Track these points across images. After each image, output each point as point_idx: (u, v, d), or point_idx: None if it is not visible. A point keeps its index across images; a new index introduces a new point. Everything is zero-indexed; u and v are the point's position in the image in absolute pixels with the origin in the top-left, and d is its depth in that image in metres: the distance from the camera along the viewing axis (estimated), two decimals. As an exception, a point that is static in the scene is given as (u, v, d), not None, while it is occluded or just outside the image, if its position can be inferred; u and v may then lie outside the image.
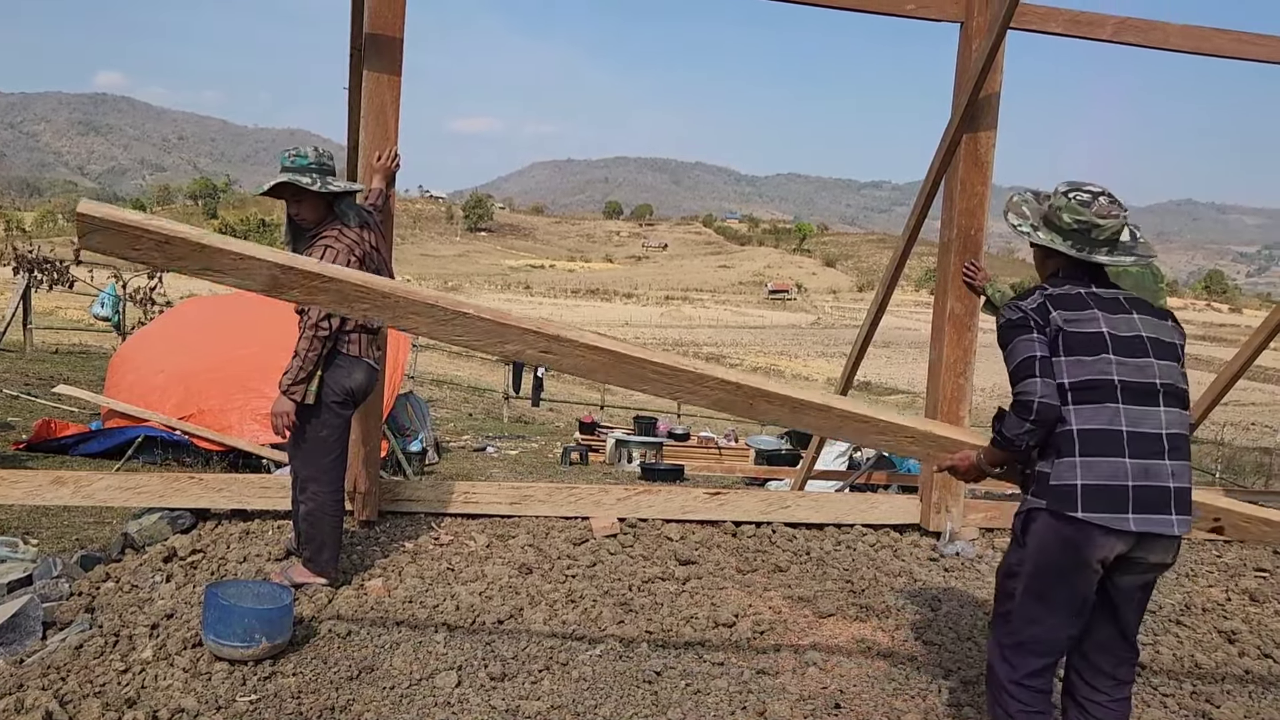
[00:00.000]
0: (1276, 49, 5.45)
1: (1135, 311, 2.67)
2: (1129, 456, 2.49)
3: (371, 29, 4.40)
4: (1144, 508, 2.47)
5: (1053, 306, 2.60)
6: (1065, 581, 2.55)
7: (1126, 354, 2.57)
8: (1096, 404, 2.53)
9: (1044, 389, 2.51)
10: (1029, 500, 2.63)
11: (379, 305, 2.67)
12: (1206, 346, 59.57)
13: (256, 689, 3.09)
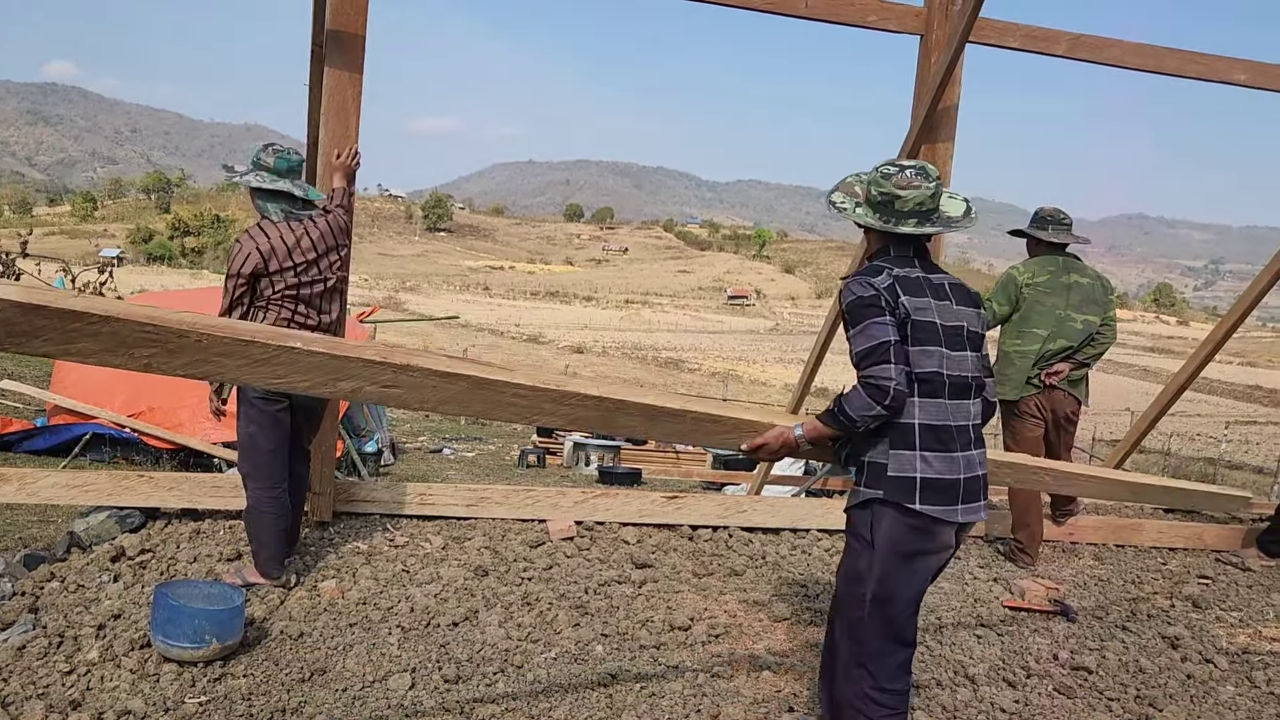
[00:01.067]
0: (1217, 68, 5.59)
1: (954, 300, 2.70)
2: (957, 450, 2.59)
3: (333, 26, 4.36)
4: (968, 499, 2.60)
5: (901, 290, 2.59)
6: (914, 574, 2.62)
7: (952, 347, 2.63)
8: (933, 398, 2.58)
9: (899, 375, 2.50)
10: (863, 492, 2.63)
11: (171, 350, 2.07)
12: (1155, 358, 60.85)
13: (206, 690, 3.04)
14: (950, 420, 2.59)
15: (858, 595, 2.64)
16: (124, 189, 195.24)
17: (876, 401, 2.49)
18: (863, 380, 2.52)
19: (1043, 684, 3.59)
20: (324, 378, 2.27)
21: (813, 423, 2.66)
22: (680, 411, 2.67)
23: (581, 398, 2.54)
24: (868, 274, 2.63)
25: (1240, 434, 27.74)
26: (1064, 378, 5.01)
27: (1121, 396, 33.52)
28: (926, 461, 2.55)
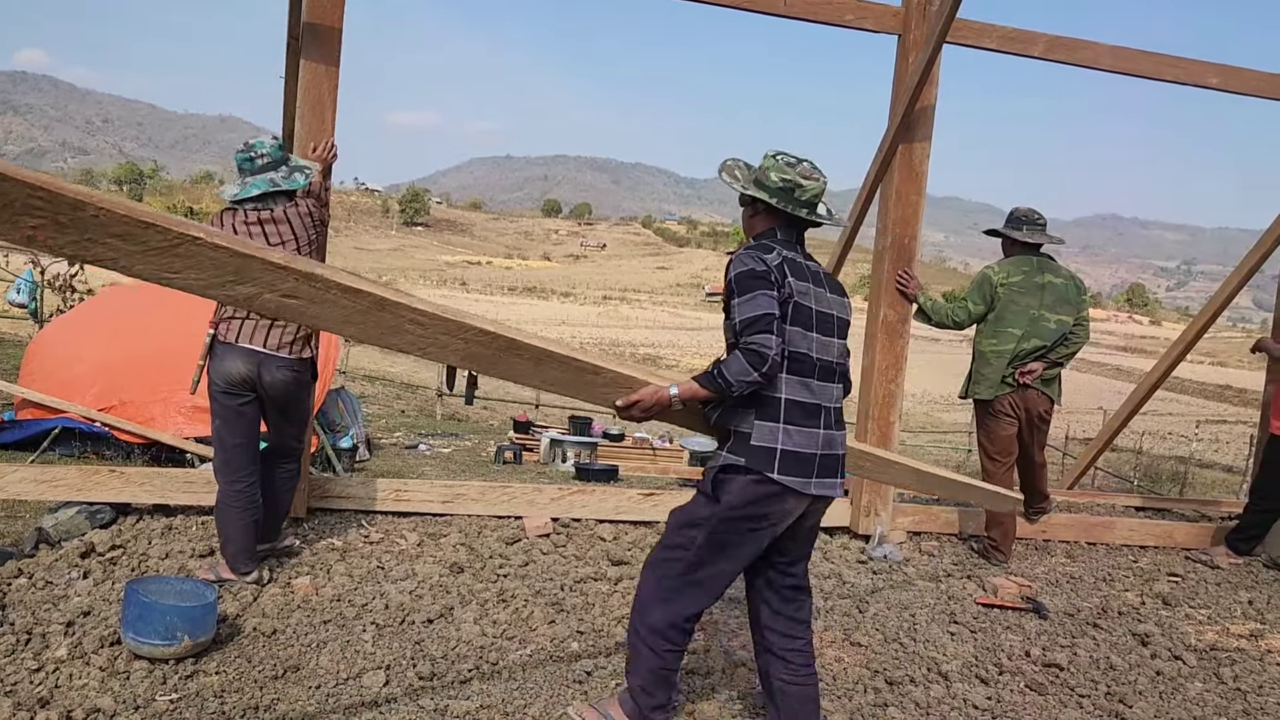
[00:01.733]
0: (1190, 71, 5.65)
1: (828, 289, 2.87)
2: (819, 428, 2.74)
3: (310, 18, 4.33)
4: (822, 473, 2.75)
5: (788, 271, 2.73)
6: (750, 535, 2.74)
7: (823, 332, 2.79)
8: (801, 377, 2.72)
9: (777, 346, 2.62)
10: (725, 456, 2.73)
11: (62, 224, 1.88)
12: (1127, 358, 61.45)
13: (177, 688, 3.01)
14: (816, 400, 2.75)
15: (689, 537, 2.78)
16: (95, 180, 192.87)
17: (754, 368, 2.60)
18: (744, 346, 2.63)
19: (1015, 681, 3.61)
20: (221, 277, 2.10)
21: (689, 383, 2.73)
22: (566, 359, 2.61)
23: (478, 332, 2.45)
24: (759, 250, 2.75)
25: (1211, 433, 28.07)
26: (1037, 377, 5.05)
27: (1094, 395, 33.86)
28: (788, 434, 2.68)
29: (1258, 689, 3.75)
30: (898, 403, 5.29)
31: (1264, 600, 4.90)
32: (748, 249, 2.77)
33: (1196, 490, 16.94)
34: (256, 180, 3.79)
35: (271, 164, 3.83)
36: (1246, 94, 5.82)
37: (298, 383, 3.93)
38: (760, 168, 2.87)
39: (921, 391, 37.62)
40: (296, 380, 3.91)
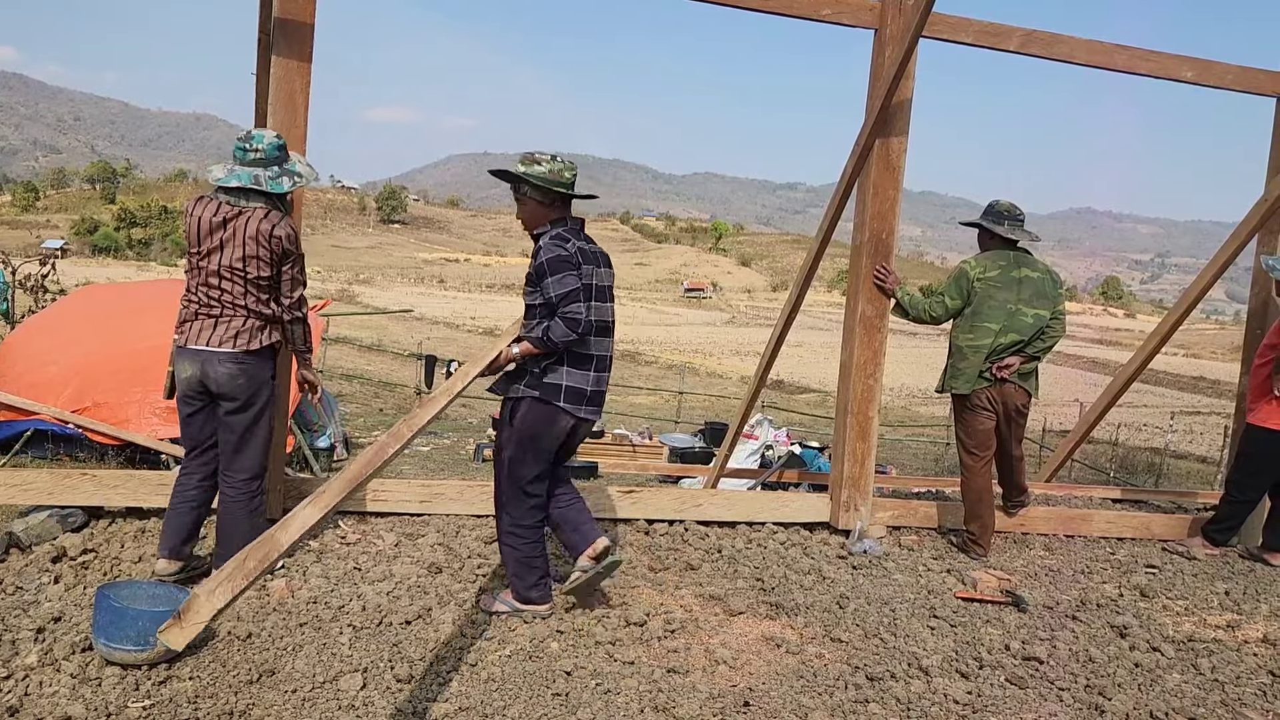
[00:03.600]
0: (1165, 65, 5.68)
1: (601, 264, 3.74)
2: (591, 371, 3.70)
3: (281, 13, 4.27)
4: (591, 404, 3.73)
5: (582, 259, 3.61)
6: (543, 446, 3.70)
7: (600, 300, 3.70)
8: (585, 335, 3.61)
9: (586, 313, 3.53)
10: (522, 390, 3.67)
11: None
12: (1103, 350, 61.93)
13: (150, 694, 2.97)
14: (590, 351, 3.70)
15: (503, 459, 3.76)
16: (67, 179, 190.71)
17: (573, 331, 3.52)
18: (563, 315, 3.51)
19: (995, 675, 3.62)
20: None
21: (526, 344, 3.63)
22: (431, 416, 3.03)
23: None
24: (560, 240, 3.61)
25: (1186, 424, 28.30)
26: (1014, 371, 5.07)
27: (1071, 388, 34.10)
28: (570, 375, 3.66)
29: (1235, 679, 3.78)
30: (876, 397, 5.30)
31: (1240, 591, 4.93)
32: (552, 238, 3.61)
33: (1172, 481, 17.08)
34: (240, 172, 3.72)
35: (262, 161, 3.74)
36: (1221, 87, 5.86)
37: (244, 376, 3.76)
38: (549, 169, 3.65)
39: (900, 386, 37.78)
40: (242, 373, 3.75)
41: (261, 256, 3.72)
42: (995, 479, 5.40)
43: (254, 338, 3.78)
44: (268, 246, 3.71)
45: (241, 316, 3.75)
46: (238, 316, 3.75)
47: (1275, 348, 5.43)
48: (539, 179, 3.62)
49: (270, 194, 3.74)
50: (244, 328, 3.75)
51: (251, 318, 3.76)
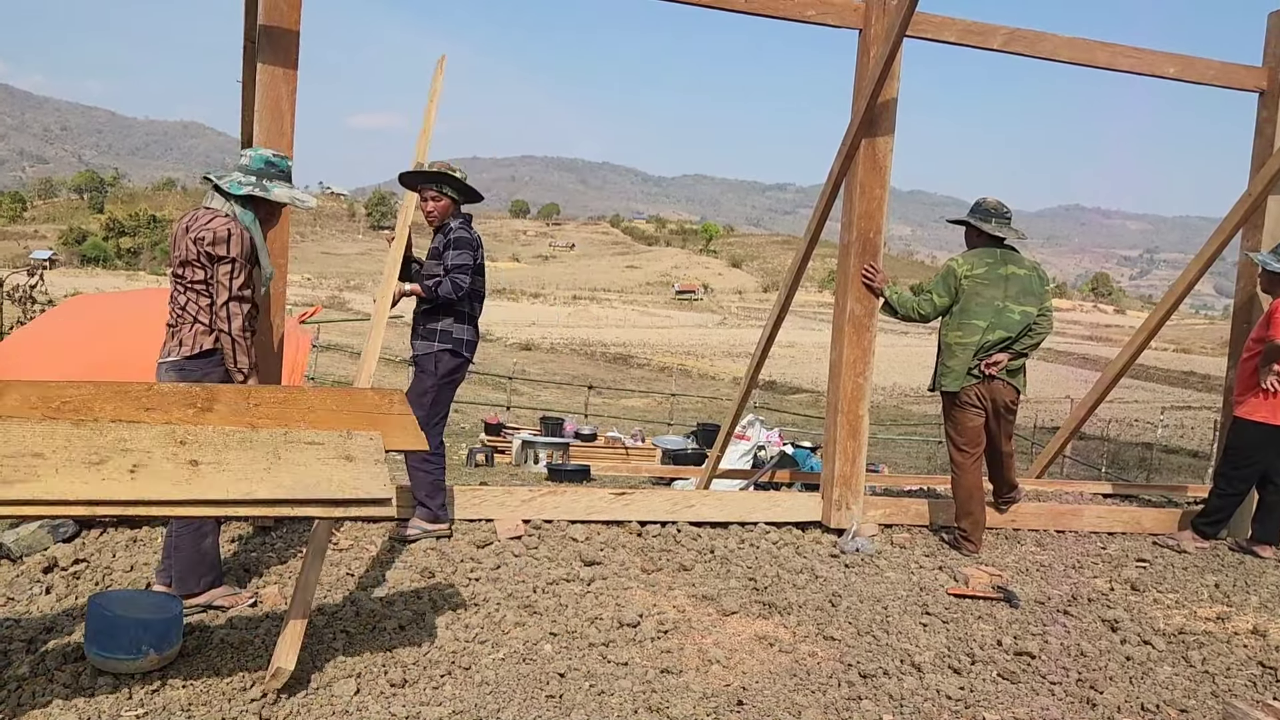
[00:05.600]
0: (1148, 61, 5.72)
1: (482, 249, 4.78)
2: (477, 327, 4.80)
3: (266, 21, 4.27)
4: (472, 351, 4.76)
5: (479, 244, 4.72)
6: (452, 389, 4.73)
7: (480, 275, 4.74)
8: (479, 301, 4.79)
9: (468, 284, 4.59)
10: (437, 345, 4.62)
11: None
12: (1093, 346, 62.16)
13: (144, 703, 2.97)
14: (477, 313, 4.80)
15: (425, 401, 4.57)
16: (55, 189, 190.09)
17: (455, 293, 4.55)
18: (452, 279, 4.55)
19: (987, 670, 3.64)
20: None
21: (415, 286, 4.62)
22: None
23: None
24: (467, 227, 4.71)
25: (1176, 419, 28.45)
26: (1003, 368, 5.09)
27: (1061, 384, 34.23)
28: (467, 331, 4.71)
29: (1226, 671, 3.80)
30: (866, 396, 5.31)
31: (1230, 583, 4.96)
32: (462, 224, 4.68)
33: (1162, 476, 17.17)
34: (226, 177, 3.75)
35: (243, 168, 3.74)
36: (1204, 83, 5.90)
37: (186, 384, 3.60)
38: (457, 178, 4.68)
39: (891, 385, 37.87)
40: (183, 380, 3.56)
41: (191, 259, 3.61)
42: (986, 475, 5.42)
43: (195, 342, 3.64)
44: (195, 247, 3.60)
45: (187, 323, 3.64)
46: (184, 324, 3.65)
47: (1261, 341, 5.47)
48: (461, 183, 4.73)
49: (229, 197, 3.70)
50: (187, 334, 3.64)
51: (196, 324, 3.63)
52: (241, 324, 3.63)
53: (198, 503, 2.64)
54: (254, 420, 2.86)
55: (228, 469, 2.71)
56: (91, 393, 2.68)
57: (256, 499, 2.72)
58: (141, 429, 2.68)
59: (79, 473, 2.53)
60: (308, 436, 2.86)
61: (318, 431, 2.90)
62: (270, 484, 2.74)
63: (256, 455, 2.78)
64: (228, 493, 2.67)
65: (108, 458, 2.58)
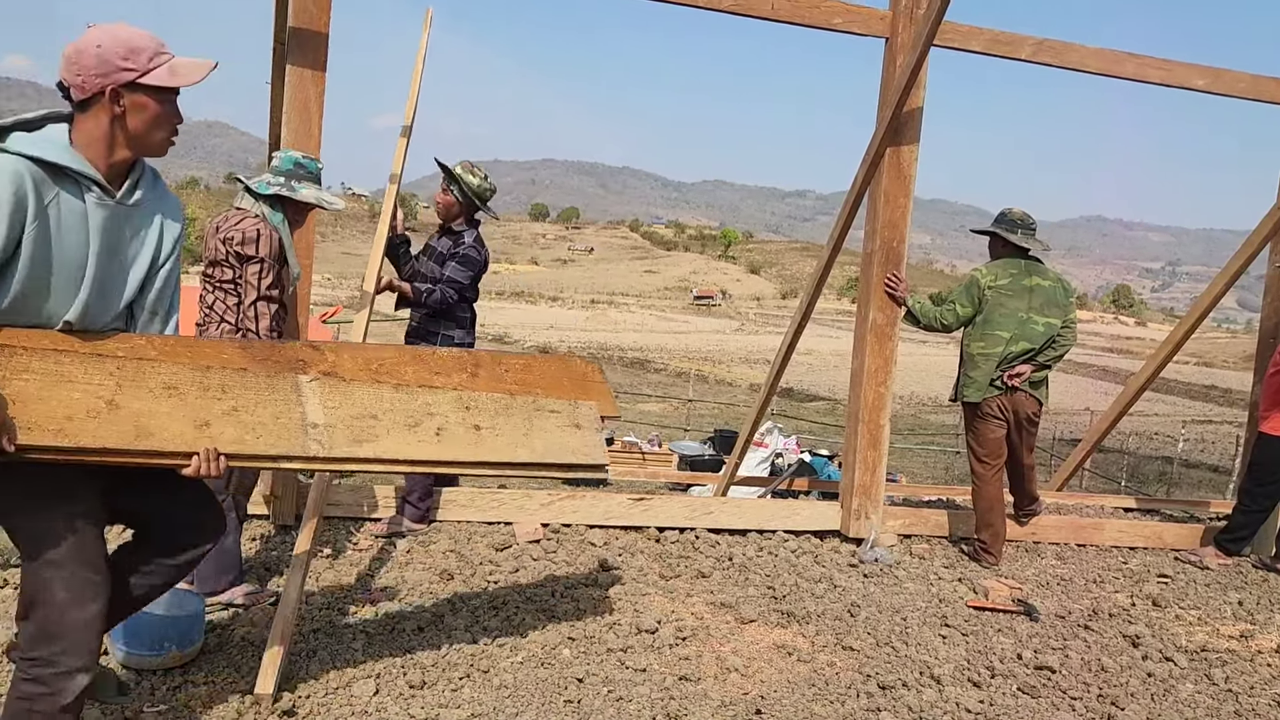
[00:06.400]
0: (1176, 73, 5.68)
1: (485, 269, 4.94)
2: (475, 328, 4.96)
3: (296, 23, 4.30)
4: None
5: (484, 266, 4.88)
6: None
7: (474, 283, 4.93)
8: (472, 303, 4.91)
9: (458, 294, 4.73)
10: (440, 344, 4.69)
11: None
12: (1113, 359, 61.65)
13: (165, 699, 2.99)
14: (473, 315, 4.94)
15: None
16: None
17: (441, 305, 4.70)
18: (444, 290, 4.69)
19: (1007, 684, 3.61)
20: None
21: (407, 287, 4.75)
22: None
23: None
24: (480, 245, 4.85)
25: (1197, 433, 28.19)
26: (1026, 379, 5.06)
27: (1081, 396, 33.98)
28: (466, 336, 4.83)
29: (1249, 690, 3.76)
30: (888, 405, 5.29)
31: (1254, 601, 4.91)
32: (476, 240, 4.84)
33: (1183, 490, 17.02)
34: (258, 182, 3.77)
35: (274, 169, 3.76)
36: (1233, 96, 5.85)
37: None
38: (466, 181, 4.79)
39: (909, 394, 37.71)
40: None
41: (220, 259, 3.63)
42: (1006, 487, 5.39)
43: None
44: (224, 247, 3.62)
45: (214, 323, 3.66)
46: (212, 323, 3.67)
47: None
48: (469, 187, 4.79)
49: (258, 197, 3.72)
50: (214, 333, 3.66)
51: (223, 324, 3.65)
52: (269, 324, 3.64)
53: (482, 464, 2.85)
54: (510, 387, 3.02)
55: (500, 434, 2.90)
56: (396, 356, 2.85)
57: (520, 462, 2.91)
58: (438, 394, 2.85)
59: (402, 434, 2.72)
60: (550, 405, 3.03)
61: (555, 400, 3.06)
62: (528, 449, 2.93)
63: (516, 421, 2.95)
64: (501, 456, 2.87)
65: (420, 421, 2.77)
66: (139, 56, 2.20)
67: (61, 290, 2.23)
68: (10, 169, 2.09)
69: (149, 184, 2.40)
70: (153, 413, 2.35)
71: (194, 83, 2.28)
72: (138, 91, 2.21)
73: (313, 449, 2.56)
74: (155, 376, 2.39)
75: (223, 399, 2.47)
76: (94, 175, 2.22)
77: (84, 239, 2.22)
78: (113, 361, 2.33)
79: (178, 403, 2.40)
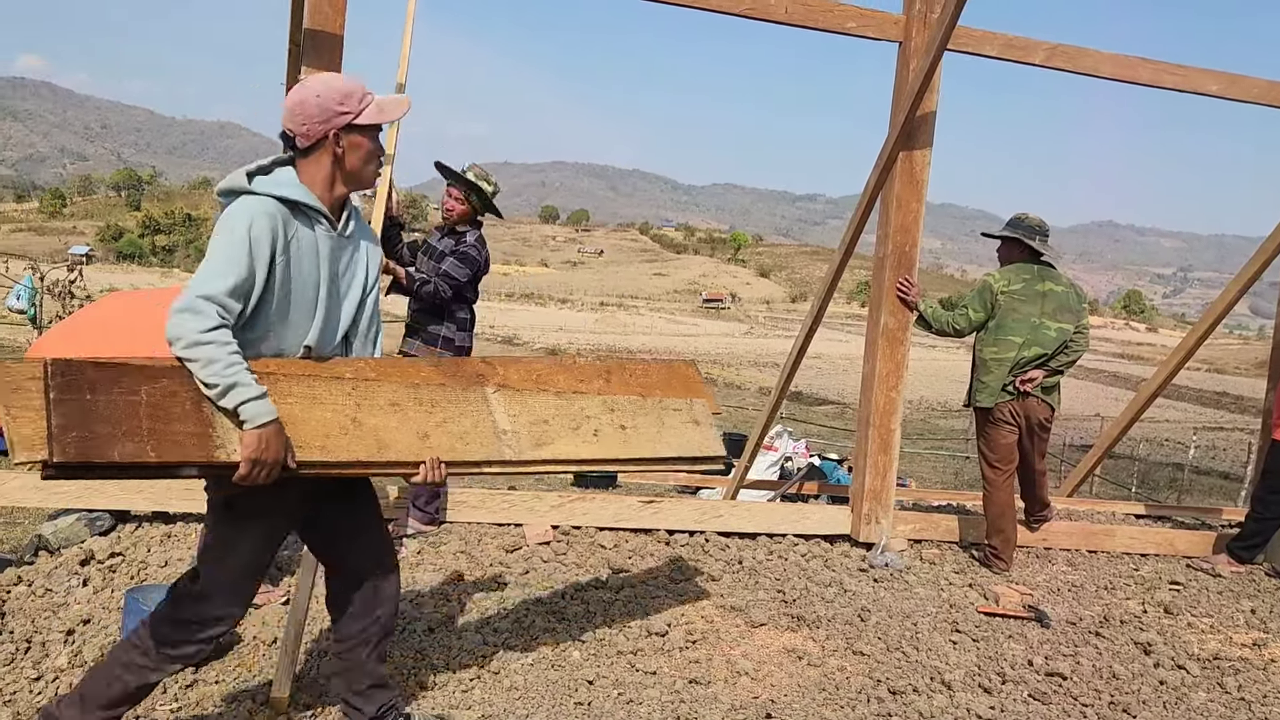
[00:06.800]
0: (1190, 79, 5.65)
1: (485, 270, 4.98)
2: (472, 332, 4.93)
3: (311, 25, 4.32)
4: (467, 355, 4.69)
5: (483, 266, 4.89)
6: None
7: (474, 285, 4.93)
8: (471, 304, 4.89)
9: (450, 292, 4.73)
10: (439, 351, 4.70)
11: None
12: (1124, 364, 61.44)
13: (178, 698, 3.00)
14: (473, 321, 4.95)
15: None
16: (94, 186, 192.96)
17: (434, 299, 4.70)
18: (438, 284, 4.67)
19: (1018, 690, 3.60)
20: None
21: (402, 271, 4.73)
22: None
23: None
24: (482, 245, 4.90)
25: (1208, 440, 28.04)
26: (1038, 384, 5.05)
27: (1092, 402, 33.86)
28: (464, 338, 4.85)
29: (1262, 699, 3.74)
30: (899, 410, 5.29)
31: (1267, 609, 4.89)
32: (478, 240, 4.87)
33: (1194, 497, 16.94)
34: None
35: None
36: (1247, 102, 5.82)
37: None
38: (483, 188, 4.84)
39: (919, 399, 37.61)
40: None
41: None
42: (1017, 493, 5.37)
43: None
44: None
45: None
46: None
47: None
48: (487, 198, 4.88)
49: None
50: None
51: None
52: None
53: (631, 460, 3.07)
54: (639, 389, 3.20)
55: (641, 432, 3.09)
56: (549, 366, 3.08)
57: (658, 457, 3.12)
58: (587, 398, 3.04)
59: (570, 437, 2.93)
60: (673, 404, 3.23)
61: (675, 398, 3.26)
62: (665, 444, 3.12)
63: (651, 420, 3.14)
64: (646, 452, 3.07)
65: (580, 424, 2.97)
66: (352, 100, 2.43)
67: (300, 318, 2.47)
68: (261, 209, 2.34)
69: (355, 216, 2.63)
70: (385, 427, 2.56)
71: (398, 118, 2.57)
72: (353, 132, 2.45)
73: (506, 454, 2.77)
74: (381, 395, 2.61)
75: (434, 412, 2.68)
76: (324, 210, 2.46)
77: (315, 269, 2.46)
78: (349, 383, 2.56)
79: (402, 418, 2.61)
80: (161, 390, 2.27)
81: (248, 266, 2.29)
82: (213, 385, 2.24)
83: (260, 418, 2.26)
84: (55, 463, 2.10)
